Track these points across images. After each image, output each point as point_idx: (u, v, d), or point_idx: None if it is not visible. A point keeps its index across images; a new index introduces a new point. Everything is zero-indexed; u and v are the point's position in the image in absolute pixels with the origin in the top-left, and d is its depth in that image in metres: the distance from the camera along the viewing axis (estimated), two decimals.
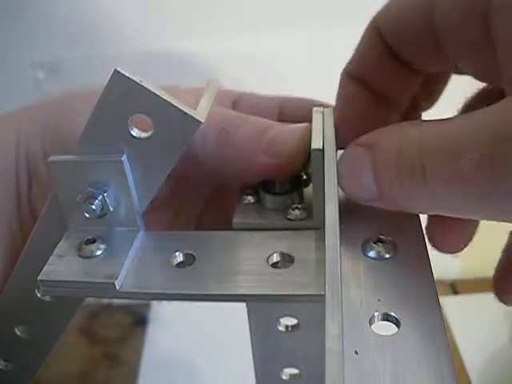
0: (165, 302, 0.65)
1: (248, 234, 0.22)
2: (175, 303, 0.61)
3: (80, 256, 0.21)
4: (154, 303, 0.67)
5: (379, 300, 0.18)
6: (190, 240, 0.21)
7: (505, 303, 0.25)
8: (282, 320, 0.22)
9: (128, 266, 0.20)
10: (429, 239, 0.25)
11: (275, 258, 0.20)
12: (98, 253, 0.21)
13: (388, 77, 0.24)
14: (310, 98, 0.29)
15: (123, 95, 0.19)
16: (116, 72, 0.19)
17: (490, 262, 0.28)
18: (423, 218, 0.22)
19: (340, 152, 0.22)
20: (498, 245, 0.29)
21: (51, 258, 0.21)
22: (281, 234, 0.21)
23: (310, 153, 0.21)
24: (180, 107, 0.19)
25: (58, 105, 0.26)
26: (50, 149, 0.25)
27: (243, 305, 0.22)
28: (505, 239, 0.27)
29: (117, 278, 0.19)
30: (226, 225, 0.24)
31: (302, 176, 0.24)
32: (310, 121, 0.24)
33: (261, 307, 0.22)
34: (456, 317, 0.59)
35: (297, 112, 0.28)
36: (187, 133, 0.20)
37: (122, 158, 0.20)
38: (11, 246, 0.26)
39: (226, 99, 0.28)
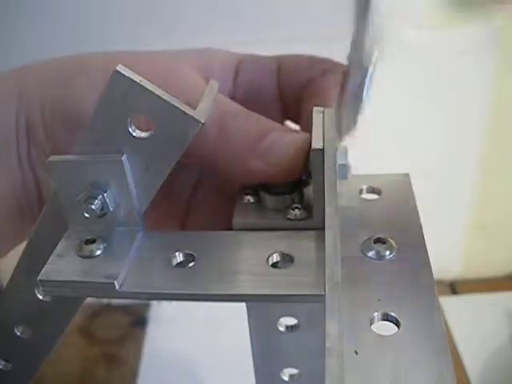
0: (164, 302, 0.65)
1: (248, 234, 0.22)
2: (175, 303, 0.61)
3: (80, 256, 0.21)
4: (154, 303, 0.67)
5: (379, 300, 0.18)
6: (190, 240, 0.21)
7: None
8: (281, 320, 0.22)
9: (128, 266, 0.20)
10: None
11: (275, 257, 0.20)
12: (98, 253, 0.21)
13: None
14: (307, 55, 0.29)
15: (123, 95, 0.19)
16: (116, 72, 0.19)
17: (489, 263, 0.28)
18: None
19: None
20: (497, 245, 0.29)
21: (51, 258, 0.21)
22: (281, 233, 0.21)
23: (309, 153, 0.21)
24: (180, 107, 0.19)
25: (61, 76, 0.26)
26: (50, 118, 0.25)
27: (243, 305, 0.22)
28: (504, 241, 0.27)
29: (117, 278, 0.19)
30: (215, 210, 0.26)
31: (302, 176, 0.24)
32: (306, 76, 0.24)
33: (261, 307, 0.22)
34: (456, 317, 0.59)
35: (295, 68, 0.28)
36: (187, 133, 0.20)
37: (122, 158, 0.20)
38: (16, 207, 0.26)
39: (230, 64, 0.28)
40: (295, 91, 0.28)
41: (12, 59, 0.28)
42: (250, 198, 0.24)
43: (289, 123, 0.29)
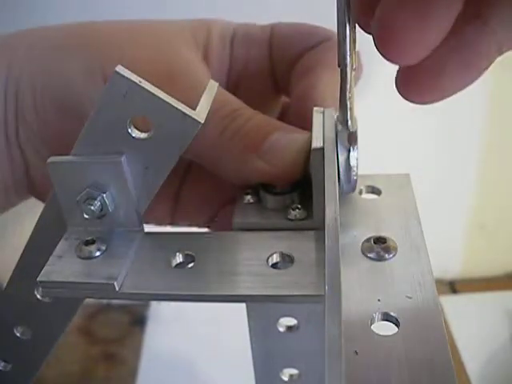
0: (164, 302, 0.65)
1: (248, 234, 0.22)
2: (174, 303, 0.61)
3: (79, 257, 0.21)
4: (154, 303, 0.67)
5: (379, 300, 0.18)
6: (189, 240, 0.21)
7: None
8: (281, 320, 0.22)
9: (127, 267, 0.20)
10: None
11: (275, 258, 0.20)
12: (98, 254, 0.21)
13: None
14: (299, 24, 0.29)
15: (123, 96, 0.19)
16: (116, 73, 0.19)
17: (489, 262, 0.28)
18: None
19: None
20: (497, 244, 0.29)
21: (51, 259, 0.21)
22: (281, 234, 0.21)
23: (309, 153, 0.21)
24: (179, 108, 0.19)
25: (52, 54, 0.26)
26: (41, 99, 0.25)
27: (243, 305, 0.22)
28: (504, 240, 0.27)
29: (116, 279, 0.19)
30: (204, 199, 0.26)
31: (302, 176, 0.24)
32: (297, 49, 0.25)
33: (260, 307, 0.22)
34: (456, 316, 0.59)
35: (287, 41, 0.28)
36: (187, 133, 0.20)
37: (122, 159, 0.20)
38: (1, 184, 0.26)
39: (226, 34, 0.28)
40: (287, 65, 0.28)
41: None
42: (250, 198, 0.24)
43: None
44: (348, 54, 0.19)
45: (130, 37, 0.26)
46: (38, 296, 0.24)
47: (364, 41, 0.19)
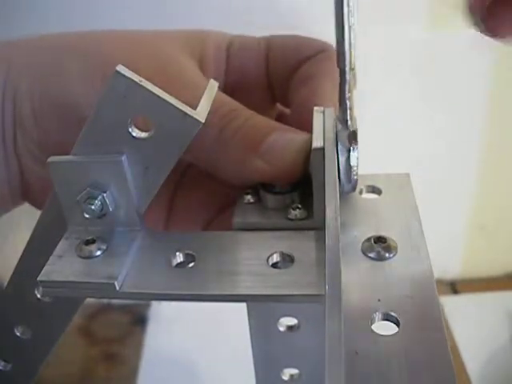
0: (165, 302, 0.65)
1: (248, 234, 0.22)
2: (175, 302, 0.61)
3: (80, 256, 0.21)
4: (154, 302, 0.67)
5: (379, 300, 0.18)
6: (190, 240, 0.21)
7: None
8: (282, 320, 0.22)
9: (128, 267, 0.20)
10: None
11: (275, 258, 0.20)
12: (98, 253, 0.21)
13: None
14: (296, 36, 0.29)
15: (123, 95, 0.19)
16: (116, 72, 0.19)
17: (490, 262, 0.28)
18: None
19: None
20: (497, 245, 0.29)
21: (51, 259, 0.21)
22: (281, 233, 0.21)
23: (310, 153, 0.21)
24: (180, 107, 0.19)
25: (52, 61, 0.26)
26: (40, 105, 0.25)
27: (243, 305, 0.22)
28: (504, 240, 0.27)
29: (117, 279, 0.19)
30: (200, 201, 0.27)
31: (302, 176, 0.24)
32: (294, 60, 0.25)
33: (261, 307, 0.22)
34: (456, 317, 0.59)
35: (283, 52, 0.28)
36: (187, 133, 0.20)
37: (122, 159, 0.20)
38: None
39: (222, 45, 0.28)
40: (284, 76, 0.28)
41: None
42: (250, 198, 0.24)
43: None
44: (347, 53, 0.19)
45: (130, 47, 0.26)
46: (39, 296, 0.24)
47: (363, 44, 0.19)
